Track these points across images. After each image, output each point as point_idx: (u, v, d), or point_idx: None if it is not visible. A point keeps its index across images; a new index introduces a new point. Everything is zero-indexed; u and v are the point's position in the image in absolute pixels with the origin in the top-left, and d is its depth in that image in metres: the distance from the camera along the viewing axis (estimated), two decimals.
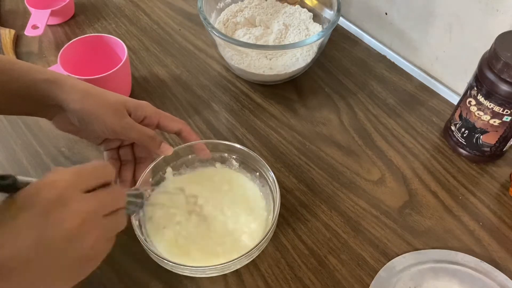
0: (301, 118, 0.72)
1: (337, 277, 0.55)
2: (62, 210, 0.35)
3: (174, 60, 0.80)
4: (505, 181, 0.64)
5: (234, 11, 0.80)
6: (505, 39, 0.56)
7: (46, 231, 0.34)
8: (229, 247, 0.53)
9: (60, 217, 0.34)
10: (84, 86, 0.53)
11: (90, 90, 0.53)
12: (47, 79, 0.51)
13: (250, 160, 0.58)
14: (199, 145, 0.58)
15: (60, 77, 0.52)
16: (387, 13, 0.80)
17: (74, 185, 0.36)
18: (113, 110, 0.52)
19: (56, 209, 0.34)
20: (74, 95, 0.51)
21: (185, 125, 0.57)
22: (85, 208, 0.36)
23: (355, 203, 0.62)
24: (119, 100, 0.53)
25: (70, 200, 0.35)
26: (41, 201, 0.34)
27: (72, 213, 0.35)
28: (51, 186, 0.35)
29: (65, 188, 0.35)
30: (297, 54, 0.72)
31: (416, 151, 0.68)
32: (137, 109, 0.54)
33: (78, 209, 0.35)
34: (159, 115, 0.56)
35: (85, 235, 0.36)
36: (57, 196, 0.35)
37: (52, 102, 0.51)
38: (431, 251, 0.57)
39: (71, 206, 0.35)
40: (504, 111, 0.57)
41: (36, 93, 0.51)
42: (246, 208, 0.56)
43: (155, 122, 0.56)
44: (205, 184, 0.58)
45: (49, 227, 0.34)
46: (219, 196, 0.57)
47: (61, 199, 0.35)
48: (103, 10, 0.90)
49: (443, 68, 0.76)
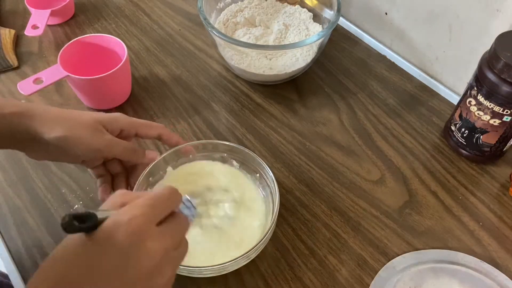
0: (301, 118, 0.72)
1: (337, 277, 0.55)
2: (140, 249, 0.35)
3: (174, 60, 0.80)
4: (505, 181, 0.64)
5: (234, 11, 0.80)
6: (505, 39, 0.56)
7: (127, 273, 0.34)
8: (228, 248, 0.53)
9: (139, 256, 0.35)
10: (55, 112, 0.51)
11: (63, 115, 0.51)
12: (15, 113, 0.48)
13: (250, 161, 0.58)
14: (185, 149, 0.58)
15: (29, 108, 0.49)
16: (387, 13, 0.80)
17: (149, 220, 0.36)
18: (92, 130, 0.51)
19: (134, 249, 0.35)
20: (48, 125, 0.49)
21: (163, 129, 0.57)
22: (161, 245, 0.36)
23: (355, 203, 0.62)
24: (93, 118, 0.52)
25: (146, 238, 0.35)
26: (120, 242, 0.34)
27: (149, 251, 0.35)
28: (128, 225, 0.35)
29: (141, 225, 0.35)
30: (297, 54, 0.72)
31: (416, 151, 0.68)
32: (112, 123, 0.53)
33: (154, 248, 0.35)
34: (135, 125, 0.55)
35: (162, 271, 0.36)
36: (134, 235, 0.35)
37: (23, 135, 0.49)
38: (431, 251, 0.57)
39: (147, 245, 0.35)
40: (504, 111, 0.57)
41: (5, 129, 0.48)
42: (245, 208, 0.56)
43: (132, 132, 0.55)
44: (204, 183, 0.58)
45: (130, 269, 0.34)
46: (218, 196, 0.57)
47: (138, 238, 0.35)
48: (103, 10, 0.90)
49: (443, 68, 0.76)
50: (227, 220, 0.55)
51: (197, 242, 0.53)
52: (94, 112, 0.54)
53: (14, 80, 0.74)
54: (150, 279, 0.35)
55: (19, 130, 0.48)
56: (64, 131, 0.49)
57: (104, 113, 0.54)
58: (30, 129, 0.48)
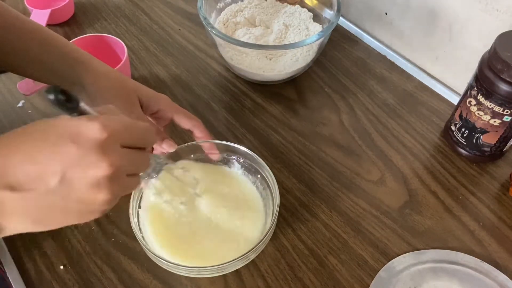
0: (301, 118, 0.72)
1: (337, 277, 0.55)
2: (99, 156, 0.34)
3: (174, 60, 0.80)
4: (505, 181, 0.64)
5: (234, 11, 0.80)
6: (505, 39, 0.56)
7: (76, 169, 0.34)
8: (227, 248, 0.53)
9: (93, 162, 0.34)
10: (105, 69, 0.54)
11: (109, 74, 0.54)
12: (76, 58, 0.53)
13: (250, 161, 0.58)
14: (207, 145, 0.58)
15: (88, 58, 0.54)
16: (387, 13, 0.80)
17: (119, 137, 0.36)
18: (125, 97, 0.53)
19: (93, 152, 0.34)
20: (93, 77, 0.53)
21: (198, 124, 0.57)
22: (118, 162, 0.35)
23: (355, 203, 0.62)
24: (134, 88, 0.54)
25: (108, 150, 0.35)
26: (86, 139, 0.34)
27: (105, 163, 0.34)
28: (101, 129, 0.34)
29: (111, 136, 0.35)
30: (297, 54, 0.72)
31: (416, 151, 0.68)
32: (150, 100, 0.55)
33: (111, 162, 0.35)
34: (173, 109, 0.56)
35: (108, 186, 0.35)
36: (101, 141, 0.34)
37: (75, 80, 0.53)
38: (431, 251, 0.57)
39: (108, 156, 0.35)
40: (504, 111, 0.57)
41: (64, 70, 0.53)
42: (245, 209, 0.56)
43: (169, 116, 0.56)
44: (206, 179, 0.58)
45: (80, 167, 0.34)
46: (218, 196, 0.57)
47: (103, 145, 0.34)
48: (103, 10, 0.90)
49: (443, 68, 0.76)
50: (227, 220, 0.55)
51: (197, 242, 0.53)
52: (140, 84, 0.56)
53: (14, 80, 0.74)
54: (91, 187, 0.34)
55: (74, 75, 0.53)
56: (99, 87, 0.53)
57: (149, 88, 0.56)
58: (80, 78, 0.53)
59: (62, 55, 0.53)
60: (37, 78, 0.58)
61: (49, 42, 0.54)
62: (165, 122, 0.57)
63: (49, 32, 0.55)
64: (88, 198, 0.35)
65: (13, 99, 0.73)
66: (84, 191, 0.35)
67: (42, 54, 0.53)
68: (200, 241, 0.53)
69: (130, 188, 0.40)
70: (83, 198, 0.35)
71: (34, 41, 0.53)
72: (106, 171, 0.34)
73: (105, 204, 0.36)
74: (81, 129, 0.34)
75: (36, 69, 0.54)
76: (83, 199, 0.35)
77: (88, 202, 0.35)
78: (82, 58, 0.54)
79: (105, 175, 0.34)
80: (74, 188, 0.34)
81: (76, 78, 0.53)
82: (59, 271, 0.55)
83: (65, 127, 0.35)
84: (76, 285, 0.54)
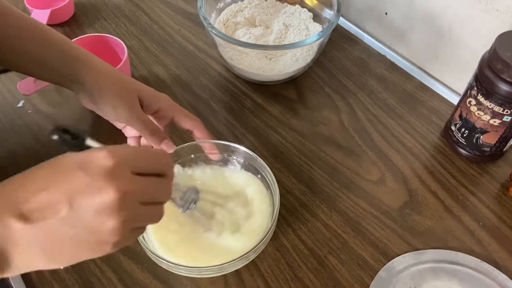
0: (301, 118, 0.72)
1: (337, 277, 0.55)
2: (107, 182, 0.34)
3: (174, 60, 0.80)
4: (505, 181, 0.64)
5: (234, 11, 0.80)
6: (505, 39, 0.56)
7: (83, 195, 0.33)
8: (227, 248, 0.53)
9: (102, 187, 0.34)
10: (105, 68, 0.54)
11: (109, 73, 0.54)
12: (76, 57, 0.53)
13: (250, 161, 0.58)
14: (208, 145, 0.58)
15: (88, 57, 0.54)
16: (387, 13, 0.80)
17: (128, 163, 0.35)
18: (125, 96, 0.53)
19: (101, 178, 0.34)
20: (93, 76, 0.53)
21: (198, 124, 0.57)
22: (127, 187, 0.34)
23: (355, 203, 0.62)
24: (134, 87, 0.54)
25: (116, 175, 0.34)
26: (93, 166, 0.34)
27: (111, 188, 0.34)
28: (108, 156, 0.34)
29: (119, 163, 0.34)
30: (297, 54, 0.72)
31: (416, 151, 0.68)
32: (151, 99, 0.55)
33: (117, 187, 0.34)
34: (173, 109, 0.56)
35: (115, 213, 0.34)
36: (109, 167, 0.34)
37: (75, 79, 0.53)
38: (431, 251, 0.57)
39: (116, 181, 0.34)
40: (504, 111, 0.57)
41: (64, 68, 0.53)
42: (245, 209, 0.56)
43: (170, 116, 0.56)
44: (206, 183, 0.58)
45: (87, 193, 0.33)
46: (219, 196, 0.57)
47: (111, 171, 0.34)
48: (103, 10, 0.90)
49: (443, 68, 0.76)
50: (227, 220, 0.55)
51: (197, 242, 0.53)
52: (140, 83, 0.56)
53: (14, 80, 0.74)
54: (98, 213, 0.33)
55: (74, 73, 0.53)
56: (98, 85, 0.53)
57: (150, 88, 0.56)
58: (80, 75, 0.53)
59: (63, 54, 0.53)
60: (37, 76, 0.58)
61: (50, 40, 0.54)
62: (166, 121, 0.57)
63: (50, 31, 0.55)
64: (96, 226, 0.34)
65: (13, 99, 0.73)
66: (91, 218, 0.34)
67: (43, 53, 0.53)
68: (200, 241, 0.53)
69: (149, 218, 0.38)
70: (91, 226, 0.34)
71: (34, 39, 0.53)
72: (112, 196, 0.33)
73: (115, 234, 0.35)
74: (89, 157, 0.34)
75: (36, 67, 0.55)
76: (91, 227, 0.34)
77: (96, 230, 0.34)
78: (83, 56, 0.54)
79: (111, 201, 0.33)
80: (81, 216, 0.34)
81: (76, 77, 0.53)
82: (59, 271, 0.55)
83: (74, 157, 0.35)
84: (76, 285, 0.54)
